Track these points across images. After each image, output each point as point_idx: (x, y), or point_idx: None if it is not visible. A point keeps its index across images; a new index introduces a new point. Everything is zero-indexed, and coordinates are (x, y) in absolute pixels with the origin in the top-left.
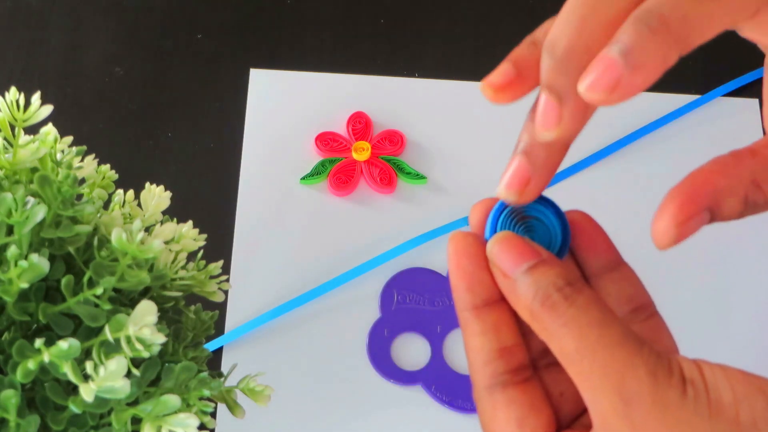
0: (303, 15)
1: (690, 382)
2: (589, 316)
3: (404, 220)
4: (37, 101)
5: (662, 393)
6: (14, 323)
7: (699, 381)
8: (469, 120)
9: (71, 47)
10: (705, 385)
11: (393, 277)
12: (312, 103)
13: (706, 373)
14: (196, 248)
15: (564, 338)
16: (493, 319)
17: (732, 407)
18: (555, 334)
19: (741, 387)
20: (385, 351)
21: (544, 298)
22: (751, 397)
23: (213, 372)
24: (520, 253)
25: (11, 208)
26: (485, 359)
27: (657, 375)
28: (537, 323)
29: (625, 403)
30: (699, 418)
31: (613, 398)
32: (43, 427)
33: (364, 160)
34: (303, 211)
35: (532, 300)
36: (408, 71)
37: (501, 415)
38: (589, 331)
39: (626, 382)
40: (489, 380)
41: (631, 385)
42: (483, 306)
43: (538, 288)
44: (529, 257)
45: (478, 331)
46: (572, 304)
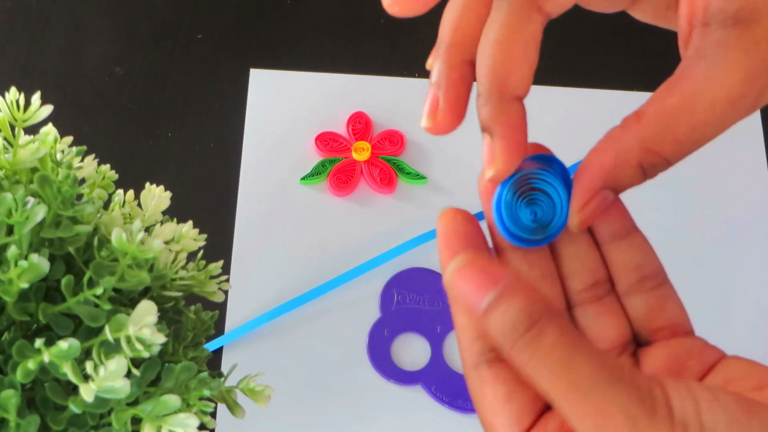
0: (303, 15)
1: (680, 423)
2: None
3: (404, 220)
4: (37, 101)
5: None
6: (14, 323)
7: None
8: (468, 120)
9: (71, 47)
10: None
11: (393, 277)
12: (312, 103)
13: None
14: (196, 248)
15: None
16: None
17: None
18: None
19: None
20: (385, 351)
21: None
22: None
23: (213, 372)
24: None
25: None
26: (471, 337)
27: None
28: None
29: None
30: None
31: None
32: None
33: (364, 160)
34: (303, 211)
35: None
36: (408, 71)
37: (488, 392)
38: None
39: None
40: (476, 358)
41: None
42: None
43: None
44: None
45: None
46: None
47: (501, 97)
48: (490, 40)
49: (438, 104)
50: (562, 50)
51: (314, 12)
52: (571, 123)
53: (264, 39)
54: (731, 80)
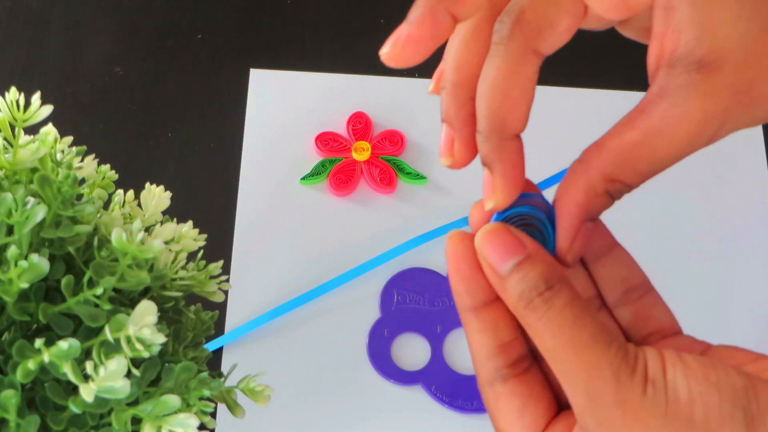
0: (303, 15)
1: (651, 382)
2: (563, 318)
3: (404, 220)
4: (37, 101)
5: (623, 393)
6: (14, 323)
7: (660, 380)
8: None
9: (71, 47)
10: (665, 384)
11: (393, 277)
12: (312, 103)
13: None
14: (196, 248)
15: (543, 336)
16: (491, 317)
17: (687, 406)
18: (537, 332)
19: (697, 385)
20: (385, 351)
21: (527, 301)
22: (706, 394)
23: (213, 372)
24: (507, 248)
25: (11, 208)
26: (486, 355)
27: (619, 376)
28: (522, 320)
29: (592, 401)
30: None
31: (583, 395)
32: (43, 427)
33: (364, 160)
34: (303, 211)
35: (517, 300)
36: (408, 71)
37: (503, 407)
38: (562, 333)
39: (592, 381)
40: (490, 374)
41: (597, 385)
42: (481, 306)
43: (522, 290)
44: (516, 252)
45: (478, 329)
46: (550, 307)
47: (500, 137)
48: (488, 83)
49: (453, 142)
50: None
51: (314, 12)
52: (571, 123)
53: (264, 39)
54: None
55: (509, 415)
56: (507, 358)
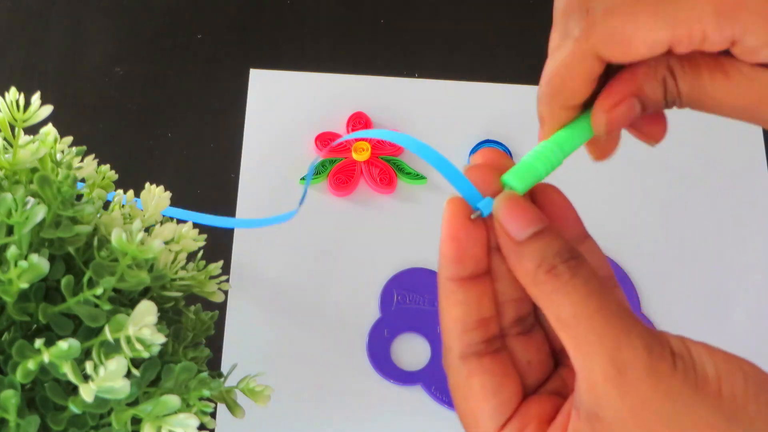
0: (303, 15)
1: (679, 356)
2: (590, 286)
3: (404, 220)
4: (37, 101)
5: (656, 364)
6: (14, 323)
7: (687, 356)
8: (469, 120)
9: (71, 47)
10: (692, 360)
11: (393, 277)
12: (312, 103)
13: (692, 350)
14: (196, 248)
15: (563, 304)
16: (477, 291)
17: (715, 381)
18: (554, 299)
19: (723, 364)
20: (385, 351)
21: (549, 267)
22: (731, 373)
23: (213, 372)
24: (528, 217)
25: (11, 208)
26: (463, 329)
27: (651, 347)
28: (537, 288)
29: (618, 370)
30: (688, 388)
31: (607, 365)
32: (43, 427)
33: (364, 160)
34: (303, 211)
35: (537, 267)
36: (408, 71)
37: (476, 382)
38: (590, 300)
39: (621, 350)
40: (465, 349)
41: (626, 354)
42: (468, 278)
43: (544, 257)
44: (536, 222)
45: (460, 300)
46: (575, 274)
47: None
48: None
49: None
50: None
51: (314, 12)
52: None
53: (264, 39)
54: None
55: (482, 392)
56: (483, 334)
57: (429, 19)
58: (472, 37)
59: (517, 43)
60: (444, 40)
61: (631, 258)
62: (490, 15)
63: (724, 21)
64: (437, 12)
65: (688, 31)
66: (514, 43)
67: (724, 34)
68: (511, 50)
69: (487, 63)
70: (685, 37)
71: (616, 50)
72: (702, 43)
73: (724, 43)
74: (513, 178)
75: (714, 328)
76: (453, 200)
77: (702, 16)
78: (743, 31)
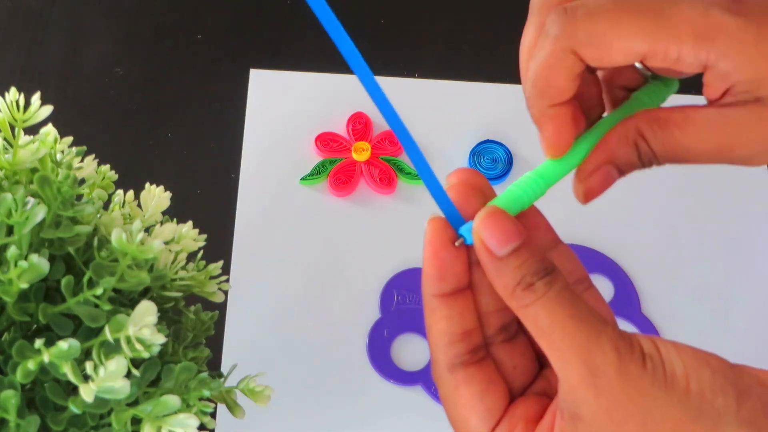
0: (303, 15)
1: (649, 357)
2: (562, 298)
3: (404, 220)
4: (37, 101)
5: (625, 365)
6: (14, 323)
7: (656, 356)
8: (469, 120)
9: (71, 47)
10: (661, 360)
11: (393, 277)
12: (312, 103)
13: (662, 349)
14: (196, 248)
15: (539, 315)
16: (459, 305)
17: (683, 378)
18: (531, 311)
19: (690, 361)
20: (385, 351)
21: (527, 285)
22: (699, 369)
23: (213, 372)
24: (508, 233)
25: (11, 208)
26: (448, 341)
27: (620, 349)
28: (515, 301)
29: (591, 373)
30: (657, 387)
31: (581, 368)
32: (43, 427)
33: (364, 160)
34: (303, 211)
35: (516, 284)
36: (408, 71)
37: (463, 391)
38: (562, 311)
39: (593, 355)
40: (452, 360)
41: (598, 357)
42: (451, 293)
43: (523, 275)
44: (516, 238)
45: (444, 316)
46: (550, 288)
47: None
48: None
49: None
50: None
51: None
52: None
53: (264, 39)
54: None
55: (470, 400)
56: (468, 345)
57: (429, 19)
58: (472, 37)
59: (517, 43)
60: (444, 40)
61: (631, 258)
62: (490, 15)
63: (701, 44)
64: (437, 12)
65: (665, 49)
66: (514, 43)
67: (699, 57)
68: (511, 50)
69: (487, 63)
70: (661, 52)
71: (593, 53)
72: (675, 62)
73: (697, 66)
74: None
75: (714, 329)
76: (434, 220)
77: (681, 36)
78: (718, 56)
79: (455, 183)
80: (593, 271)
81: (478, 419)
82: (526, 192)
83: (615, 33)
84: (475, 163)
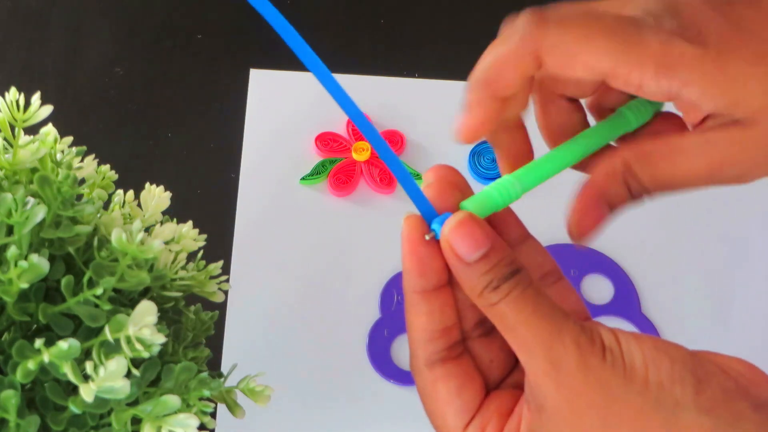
0: (303, 15)
1: (609, 349)
2: (526, 296)
3: None
4: (37, 101)
5: (584, 358)
6: (14, 323)
7: (616, 348)
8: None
9: (71, 47)
10: (621, 352)
11: (393, 277)
12: (312, 103)
13: (622, 341)
14: (196, 248)
15: (505, 313)
16: (439, 302)
17: (642, 369)
18: (498, 309)
19: (650, 352)
20: (385, 351)
21: (494, 287)
22: (658, 360)
23: (213, 372)
24: (475, 241)
25: (11, 208)
26: (428, 338)
27: (580, 342)
28: (483, 300)
29: (553, 366)
30: (616, 378)
31: (543, 362)
32: (43, 427)
33: (364, 160)
34: (303, 211)
35: (483, 287)
36: (408, 71)
37: (441, 388)
38: (525, 308)
39: (554, 348)
40: (430, 357)
41: (559, 351)
42: (431, 290)
43: (491, 280)
44: (484, 244)
45: (424, 311)
46: (515, 287)
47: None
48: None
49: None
50: None
51: (314, 12)
52: None
53: (264, 39)
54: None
55: (448, 395)
56: (446, 342)
57: (429, 19)
58: (472, 37)
59: None
60: (444, 40)
61: (631, 258)
62: (490, 15)
63: (662, 75)
64: (437, 12)
65: (628, 73)
66: None
67: (662, 87)
68: None
69: None
70: (622, 76)
71: (557, 61)
72: (638, 89)
73: (661, 95)
74: (471, 205)
75: (714, 328)
76: (410, 218)
77: (644, 65)
78: (681, 84)
79: (432, 181)
80: (593, 271)
81: (454, 414)
82: (501, 195)
83: (582, 46)
84: (475, 163)
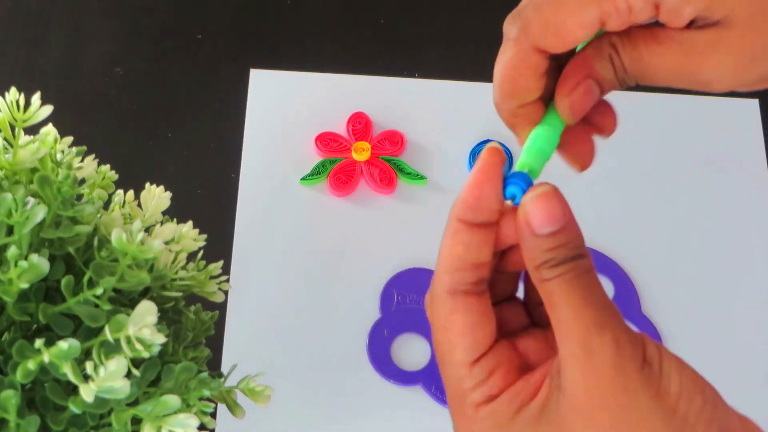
0: (303, 15)
1: (648, 363)
2: (581, 281)
3: (404, 220)
4: (37, 101)
5: (621, 360)
6: (14, 323)
7: (656, 365)
8: (468, 120)
9: (71, 47)
10: (660, 370)
11: (393, 277)
12: (312, 103)
13: (664, 361)
14: (196, 248)
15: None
16: (481, 237)
17: (675, 397)
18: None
19: (688, 383)
20: (385, 351)
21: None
22: (692, 394)
23: (213, 372)
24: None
25: (11, 208)
26: (459, 267)
27: (620, 343)
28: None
29: (586, 353)
30: (645, 393)
31: (576, 346)
32: (43, 427)
33: (364, 160)
34: (303, 211)
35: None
36: (408, 71)
37: (458, 318)
38: (575, 292)
39: (592, 338)
40: (455, 285)
41: (595, 342)
42: (478, 225)
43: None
44: (558, 221)
45: (463, 241)
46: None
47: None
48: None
49: None
50: None
51: (314, 12)
52: None
53: (264, 39)
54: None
55: (463, 327)
56: (475, 276)
57: (429, 19)
58: (472, 37)
59: None
60: (444, 40)
61: (631, 258)
62: (490, 15)
63: None
64: (437, 12)
65: (614, 4)
66: None
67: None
68: None
69: (487, 63)
70: (612, 10)
71: (553, 39)
72: (630, 13)
73: (649, 9)
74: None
75: (714, 328)
76: (494, 150)
77: None
78: None
79: None
80: None
81: (464, 348)
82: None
83: (565, 12)
84: None
